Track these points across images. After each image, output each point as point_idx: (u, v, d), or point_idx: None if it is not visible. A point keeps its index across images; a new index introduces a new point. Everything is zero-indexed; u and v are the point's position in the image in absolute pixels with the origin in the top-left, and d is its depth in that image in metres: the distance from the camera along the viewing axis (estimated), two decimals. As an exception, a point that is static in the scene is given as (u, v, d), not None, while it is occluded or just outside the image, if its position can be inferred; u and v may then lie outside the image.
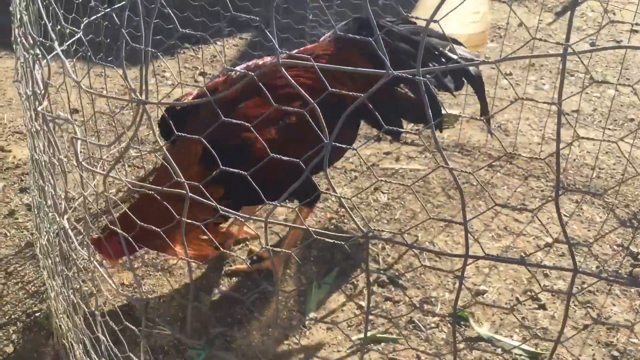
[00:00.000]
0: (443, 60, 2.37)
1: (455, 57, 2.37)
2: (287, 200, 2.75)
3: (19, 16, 1.55)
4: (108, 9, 2.41)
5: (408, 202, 2.88)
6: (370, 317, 2.30)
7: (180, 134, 1.09)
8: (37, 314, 2.27)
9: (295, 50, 2.40)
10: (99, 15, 2.52)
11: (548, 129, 3.45)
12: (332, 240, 1.01)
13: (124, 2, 2.63)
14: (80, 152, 1.17)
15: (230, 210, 1.06)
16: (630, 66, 4.20)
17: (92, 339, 1.37)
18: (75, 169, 1.30)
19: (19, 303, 2.31)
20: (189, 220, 1.08)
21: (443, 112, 3.03)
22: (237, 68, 2.35)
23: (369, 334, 2.22)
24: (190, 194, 1.04)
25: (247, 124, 1.16)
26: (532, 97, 3.84)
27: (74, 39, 2.34)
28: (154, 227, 1.21)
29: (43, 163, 1.40)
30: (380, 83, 0.95)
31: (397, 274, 2.47)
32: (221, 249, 1.82)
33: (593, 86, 3.89)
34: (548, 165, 2.99)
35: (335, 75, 2.21)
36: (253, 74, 1.00)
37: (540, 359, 2.16)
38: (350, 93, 1.03)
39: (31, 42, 1.35)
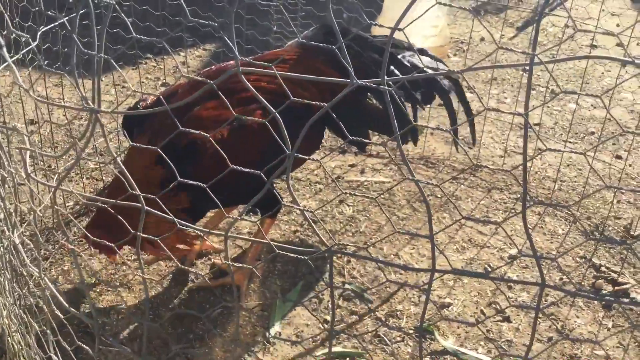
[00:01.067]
0: (415, 73, 2.36)
1: (429, 70, 2.37)
2: (250, 213, 2.71)
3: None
4: (66, 17, 2.35)
5: (373, 215, 2.86)
6: (336, 331, 2.26)
7: (135, 144, 1.04)
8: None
9: (259, 54, 2.37)
10: (56, 23, 2.46)
11: (510, 142, 3.48)
12: (295, 255, 0.98)
13: (81, 11, 2.57)
14: (36, 164, 1.12)
15: (189, 224, 1.02)
16: (590, 80, 4.27)
17: (45, 359, 1.31)
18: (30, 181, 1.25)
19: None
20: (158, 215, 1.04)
21: (413, 123, 3.05)
22: (199, 73, 2.31)
23: (334, 349, 2.18)
24: (146, 208, 1.00)
25: (192, 130, 1.13)
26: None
27: (29, 47, 2.28)
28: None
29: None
30: (344, 92, 0.93)
31: (362, 287, 2.44)
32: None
33: (554, 100, 3.94)
34: (514, 177, 3.01)
35: (299, 81, 2.18)
36: (211, 81, 0.96)
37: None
38: (314, 102, 1.01)
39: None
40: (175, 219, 1.01)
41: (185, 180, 1.08)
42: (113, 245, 1.31)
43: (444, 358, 2.19)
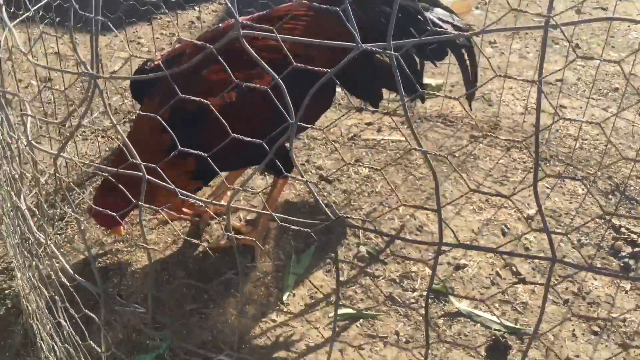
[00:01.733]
0: (429, 27, 2.28)
1: (444, 25, 2.29)
2: (265, 174, 2.69)
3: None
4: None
5: (389, 174, 2.83)
6: (349, 292, 2.26)
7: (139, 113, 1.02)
8: (6, 292, 2.21)
9: (269, 10, 2.30)
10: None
11: (532, 99, 3.39)
12: (297, 228, 0.96)
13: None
14: (41, 127, 1.10)
15: (191, 195, 1.00)
16: (615, 34, 4.13)
17: (55, 324, 1.32)
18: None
19: (-13, 281, 2.25)
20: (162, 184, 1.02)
21: (425, 81, 2.97)
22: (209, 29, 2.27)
23: (347, 310, 2.18)
24: (148, 177, 0.98)
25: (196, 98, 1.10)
26: (516, 65, 3.77)
27: (40, 4, 2.25)
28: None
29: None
30: (350, 56, 0.89)
31: (377, 249, 2.43)
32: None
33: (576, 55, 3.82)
34: (527, 147, 2.95)
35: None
36: (217, 40, 0.93)
37: (520, 334, 2.14)
38: (318, 69, 0.97)
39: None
40: (178, 190, 0.99)
41: (188, 150, 1.05)
42: (116, 215, 1.30)
43: (457, 320, 2.18)
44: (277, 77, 0.94)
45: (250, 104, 1.99)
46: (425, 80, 3.48)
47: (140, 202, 0.98)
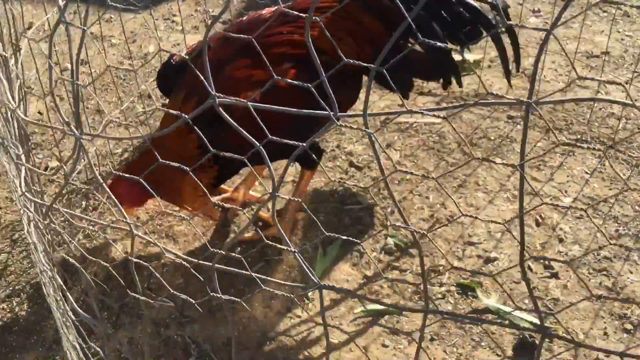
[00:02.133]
0: (459, 8, 2.19)
1: (475, 4, 2.18)
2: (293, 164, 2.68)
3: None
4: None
5: (421, 160, 2.77)
6: (375, 287, 2.25)
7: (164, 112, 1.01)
8: (41, 290, 2.28)
9: (294, 2, 2.23)
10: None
11: (575, 74, 3.25)
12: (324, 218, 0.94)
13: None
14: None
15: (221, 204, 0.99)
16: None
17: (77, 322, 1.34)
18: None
19: (23, 273, 2.32)
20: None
21: (460, 62, 2.86)
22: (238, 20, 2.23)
23: (372, 306, 2.17)
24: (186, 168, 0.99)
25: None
26: (560, 37, 3.61)
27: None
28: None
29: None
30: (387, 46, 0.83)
31: (405, 241, 2.40)
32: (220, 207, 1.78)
33: (625, 23, 3.64)
34: (567, 129, 2.84)
35: (334, 32, 2.07)
36: (243, 33, 0.90)
37: (549, 332, 2.09)
38: (366, 64, 0.91)
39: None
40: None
41: (219, 152, 1.03)
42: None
43: (485, 317, 2.15)
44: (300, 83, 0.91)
45: (276, 101, 1.96)
46: (464, 55, 3.37)
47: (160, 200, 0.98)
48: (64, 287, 1.37)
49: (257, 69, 2.00)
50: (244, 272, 0.92)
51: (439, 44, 1.95)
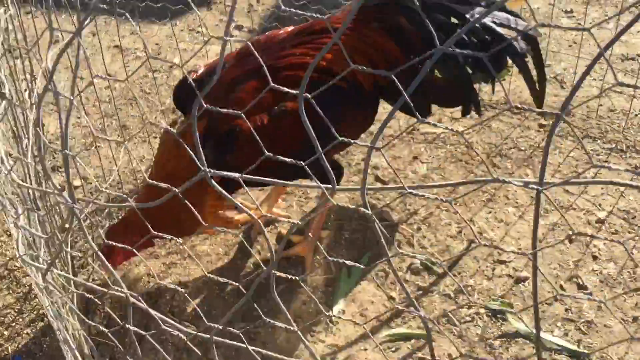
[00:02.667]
0: (487, 37, 2.08)
1: (499, 29, 2.08)
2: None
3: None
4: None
5: (448, 173, 2.70)
6: (401, 308, 2.19)
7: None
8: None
9: (312, 22, 2.18)
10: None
11: (609, 77, 3.13)
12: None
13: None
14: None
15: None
16: None
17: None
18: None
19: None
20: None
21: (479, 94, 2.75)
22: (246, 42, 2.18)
23: (398, 330, 2.11)
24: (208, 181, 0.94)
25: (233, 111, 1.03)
26: (593, 38, 3.48)
27: None
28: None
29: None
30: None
31: (432, 260, 2.33)
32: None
33: (664, 24, 3.49)
34: (600, 138, 2.74)
35: (349, 54, 2.00)
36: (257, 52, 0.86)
37: (583, 359, 2.01)
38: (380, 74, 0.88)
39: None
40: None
41: (227, 173, 0.97)
42: (132, 248, 1.28)
43: (515, 342, 2.07)
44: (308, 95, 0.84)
45: (284, 125, 1.91)
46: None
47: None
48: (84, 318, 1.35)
49: (266, 92, 1.95)
50: (243, 344, 0.87)
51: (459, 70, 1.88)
